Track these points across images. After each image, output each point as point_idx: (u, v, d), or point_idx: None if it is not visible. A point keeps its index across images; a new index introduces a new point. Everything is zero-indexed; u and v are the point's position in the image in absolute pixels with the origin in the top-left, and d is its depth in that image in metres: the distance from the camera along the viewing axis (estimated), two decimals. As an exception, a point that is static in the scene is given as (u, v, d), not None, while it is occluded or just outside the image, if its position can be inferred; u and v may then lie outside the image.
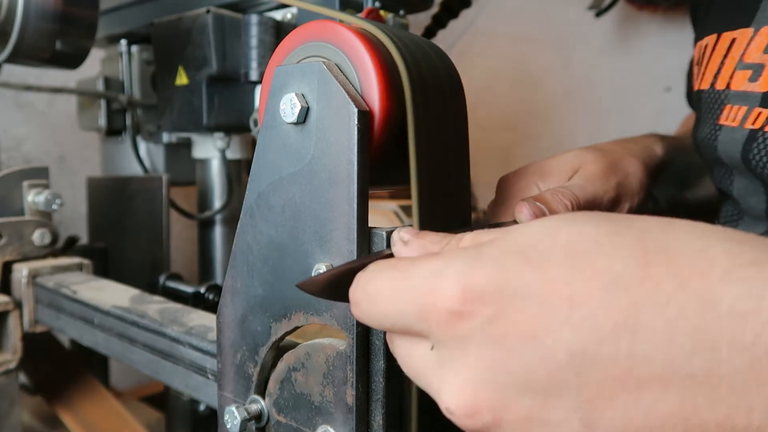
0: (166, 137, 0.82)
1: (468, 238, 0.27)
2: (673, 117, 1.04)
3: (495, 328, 0.22)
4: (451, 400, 0.23)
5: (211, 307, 0.66)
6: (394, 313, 0.25)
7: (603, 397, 0.21)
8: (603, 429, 0.21)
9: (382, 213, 1.04)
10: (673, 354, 0.20)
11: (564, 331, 0.21)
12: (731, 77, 0.46)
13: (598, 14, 1.59)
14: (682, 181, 0.61)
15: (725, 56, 0.47)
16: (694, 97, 0.55)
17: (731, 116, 0.46)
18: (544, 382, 0.22)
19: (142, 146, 0.85)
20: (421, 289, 0.24)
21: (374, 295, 0.25)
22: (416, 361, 0.25)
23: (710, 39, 0.49)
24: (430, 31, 0.80)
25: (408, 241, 0.28)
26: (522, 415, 0.22)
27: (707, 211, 0.60)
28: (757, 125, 0.43)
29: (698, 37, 0.53)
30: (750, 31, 0.44)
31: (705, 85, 0.50)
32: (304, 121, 0.32)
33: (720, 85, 0.47)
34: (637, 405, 0.21)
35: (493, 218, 0.44)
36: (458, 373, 0.23)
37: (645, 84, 1.69)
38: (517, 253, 0.23)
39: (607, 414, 0.21)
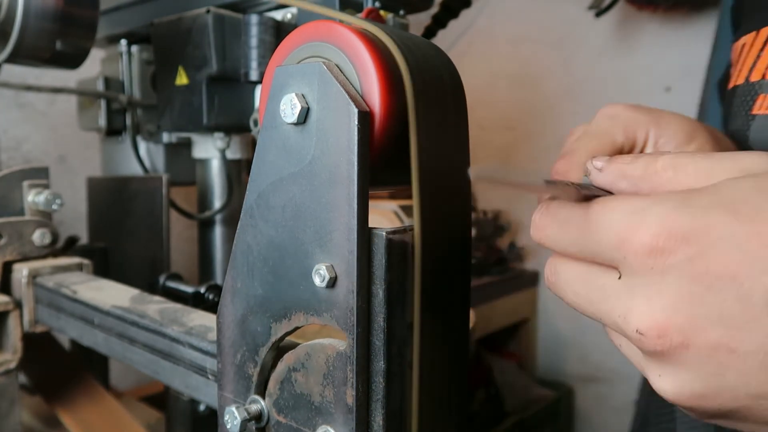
0: (166, 137, 0.82)
1: (666, 160, 0.28)
2: (673, 117, 1.04)
3: (695, 265, 0.24)
4: (642, 322, 0.25)
5: (211, 307, 0.66)
6: (587, 239, 0.27)
7: None
8: None
9: (382, 213, 1.04)
10: None
11: (764, 278, 0.23)
12: (767, 68, 0.46)
13: (598, 14, 1.59)
14: None
15: (762, 50, 0.47)
16: (726, 96, 0.54)
17: (765, 105, 0.46)
18: (737, 317, 0.24)
19: (142, 146, 0.85)
20: (623, 222, 0.26)
21: (565, 220, 0.28)
22: (597, 287, 0.27)
23: (749, 37, 0.49)
24: (430, 31, 0.80)
25: (602, 167, 0.29)
26: (711, 342, 0.24)
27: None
28: None
29: (735, 39, 0.53)
30: None
31: (740, 81, 0.50)
32: (305, 122, 0.32)
33: (755, 77, 0.47)
34: None
35: (598, 125, 0.41)
36: (651, 299, 0.25)
37: (645, 84, 1.69)
38: (727, 205, 0.25)
39: None
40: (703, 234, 0.24)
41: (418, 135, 0.31)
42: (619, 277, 0.27)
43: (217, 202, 0.78)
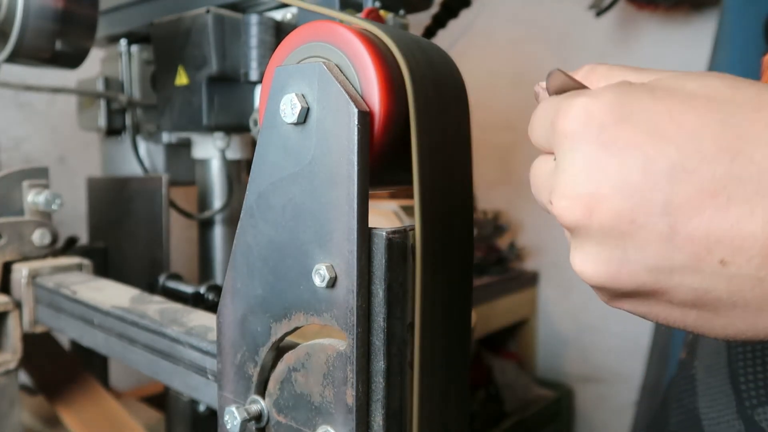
0: (166, 137, 0.82)
1: (603, 69, 0.30)
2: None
3: (604, 135, 0.25)
4: (559, 194, 0.27)
5: (211, 307, 0.66)
6: (537, 132, 0.30)
7: (692, 207, 0.24)
8: (685, 234, 0.24)
9: (382, 213, 1.04)
10: (764, 182, 0.23)
11: (668, 147, 0.24)
12: None
13: (598, 14, 1.59)
14: None
15: None
16: None
17: None
18: (639, 185, 0.24)
19: (142, 146, 0.85)
20: (556, 109, 0.28)
21: (534, 120, 0.31)
22: (541, 173, 0.30)
23: None
24: (430, 31, 0.80)
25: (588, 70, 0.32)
26: (613, 212, 0.25)
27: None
28: None
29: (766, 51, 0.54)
30: None
31: None
32: (305, 122, 0.32)
33: None
34: (722, 219, 0.24)
35: None
36: (566, 171, 0.26)
37: (645, 84, 1.69)
38: (647, 87, 0.26)
39: (693, 222, 0.24)
40: (617, 108, 0.25)
41: (419, 134, 0.31)
42: (554, 160, 0.29)
43: (217, 202, 0.78)
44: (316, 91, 0.32)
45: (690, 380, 0.58)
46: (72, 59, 0.61)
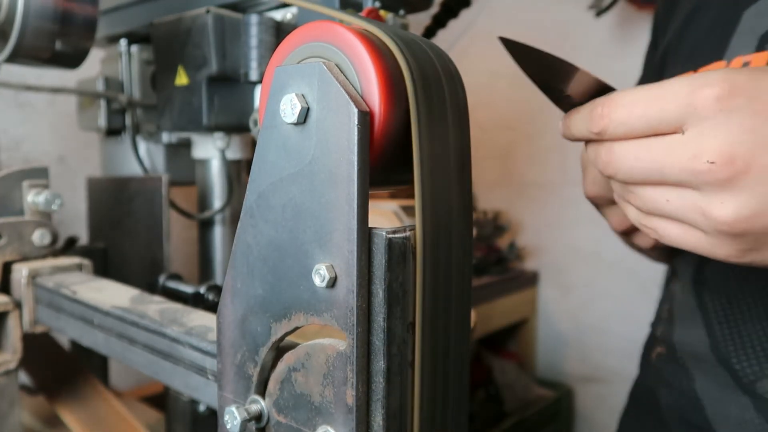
0: (165, 137, 0.82)
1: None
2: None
3: (755, 104, 0.31)
4: (714, 153, 0.31)
5: (211, 307, 0.66)
6: (652, 112, 0.33)
7: None
8: None
9: (382, 213, 1.04)
10: None
11: None
12: None
13: (598, 14, 1.59)
14: None
15: None
16: None
17: None
18: None
19: (142, 146, 0.85)
20: (689, 85, 0.32)
21: (632, 102, 0.34)
22: (662, 146, 0.34)
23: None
24: (430, 31, 0.80)
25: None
26: (766, 164, 0.31)
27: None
28: None
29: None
30: (723, 63, 0.51)
31: None
32: (305, 122, 0.32)
33: None
34: None
35: None
36: (719, 135, 0.32)
37: (645, 84, 1.69)
38: (755, 71, 0.32)
39: None
40: (757, 84, 0.32)
41: (420, 134, 0.31)
42: (683, 134, 0.33)
43: (217, 202, 0.78)
44: (316, 91, 0.32)
45: (679, 364, 0.58)
46: (72, 59, 0.61)
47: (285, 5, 0.66)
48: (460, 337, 0.36)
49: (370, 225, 0.32)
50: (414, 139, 0.31)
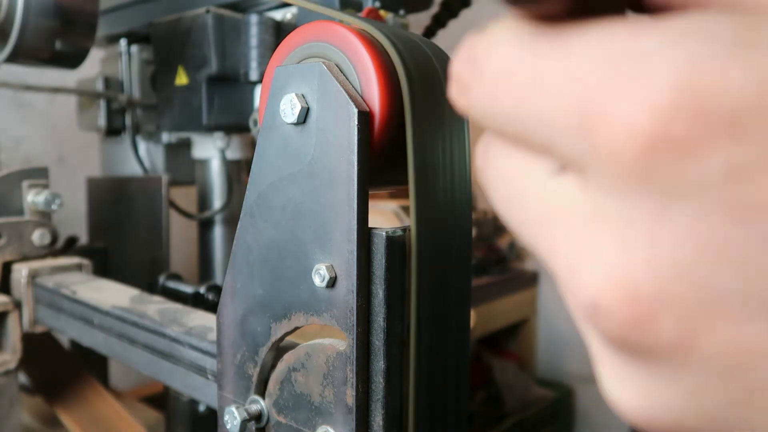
0: (165, 137, 0.82)
1: None
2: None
3: (740, 176, 0.11)
4: (605, 276, 0.13)
5: (211, 307, 0.66)
6: (529, 110, 0.14)
7: None
8: None
9: (382, 213, 1.04)
10: None
11: None
12: None
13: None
14: None
15: None
16: None
17: None
18: None
19: (142, 146, 0.85)
20: (596, 85, 0.13)
21: (504, 72, 0.15)
22: (538, 197, 0.15)
23: None
24: (430, 31, 0.80)
25: None
26: (733, 320, 0.12)
27: None
28: None
29: None
30: None
31: None
32: (304, 122, 0.32)
33: None
34: None
35: None
36: (642, 240, 0.12)
37: (645, 84, 1.69)
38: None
39: None
40: (759, 110, 0.11)
41: (415, 134, 0.31)
42: (581, 187, 0.14)
43: (217, 202, 0.78)
44: (316, 91, 0.32)
45: None
46: (72, 59, 0.61)
47: (285, 5, 0.66)
48: (460, 337, 0.36)
49: (370, 225, 0.32)
50: (408, 137, 0.31)
